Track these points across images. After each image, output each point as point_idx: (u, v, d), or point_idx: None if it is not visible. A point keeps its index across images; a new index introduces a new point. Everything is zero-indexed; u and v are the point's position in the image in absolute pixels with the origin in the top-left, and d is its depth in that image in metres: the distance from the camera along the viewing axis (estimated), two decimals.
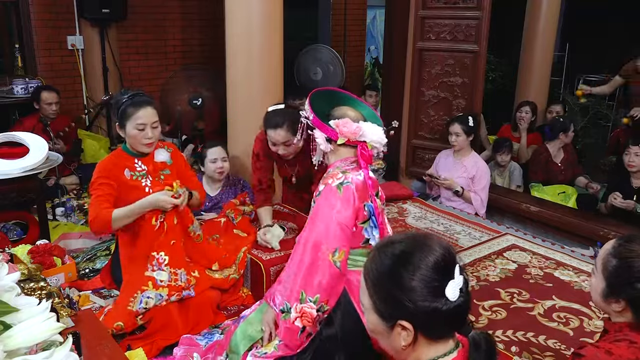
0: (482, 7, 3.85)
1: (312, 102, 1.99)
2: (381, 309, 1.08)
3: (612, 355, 1.39)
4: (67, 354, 1.08)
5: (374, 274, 1.08)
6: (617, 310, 1.49)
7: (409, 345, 1.07)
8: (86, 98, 5.37)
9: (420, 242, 1.07)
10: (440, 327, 1.07)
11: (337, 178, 1.91)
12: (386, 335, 1.10)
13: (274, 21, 3.51)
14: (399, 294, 1.04)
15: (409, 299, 1.03)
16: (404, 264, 1.04)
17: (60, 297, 2.08)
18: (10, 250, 2.41)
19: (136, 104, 2.32)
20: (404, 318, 1.05)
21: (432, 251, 1.05)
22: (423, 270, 1.03)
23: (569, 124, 4.45)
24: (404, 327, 1.05)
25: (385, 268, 1.06)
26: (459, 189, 3.77)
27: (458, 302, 1.03)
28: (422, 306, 1.02)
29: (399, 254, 1.06)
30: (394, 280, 1.05)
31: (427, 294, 1.02)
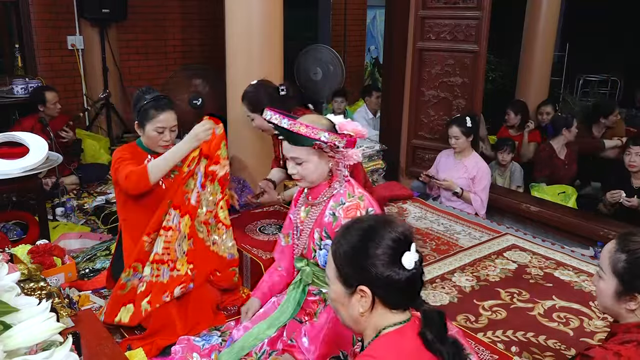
0: (482, 7, 3.85)
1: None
2: (345, 276, 1.23)
3: (621, 357, 1.39)
4: (67, 354, 1.08)
5: (343, 246, 1.23)
6: (632, 308, 1.48)
7: (367, 312, 1.21)
8: (86, 98, 5.37)
9: (385, 220, 1.25)
10: (395, 295, 1.21)
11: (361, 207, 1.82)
12: (346, 304, 1.24)
13: (274, 21, 3.51)
14: (363, 261, 1.19)
15: (371, 265, 1.18)
16: (371, 237, 1.21)
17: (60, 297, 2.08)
18: (10, 250, 2.41)
19: (159, 107, 2.37)
20: (364, 283, 1.20)
21: (394, 227, 1.22)
22: (386, 242, 1.19)
23: (572, 120, 4.47)
24: (363, 292, 1.20)
25: (354, 239, 1.22)
26: (458, 190, 3.77)
27: (412, 272, 1.19)
28: (381, 271, 1.18)
29: (367, 228, 1.23)
30: (360, 249, 1.20)
31: (387, 262, 1.18)
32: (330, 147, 1.77)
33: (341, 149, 1.80)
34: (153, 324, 2.27)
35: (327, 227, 1.87)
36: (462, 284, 2.80)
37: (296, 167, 1.84)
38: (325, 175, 1.88)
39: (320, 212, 1.91)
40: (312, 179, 1.86)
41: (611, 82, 6.45)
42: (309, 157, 1.81)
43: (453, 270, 2.95)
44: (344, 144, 1.78)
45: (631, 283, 1.46)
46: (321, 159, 1.84)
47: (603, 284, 1.53)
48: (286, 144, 1.83)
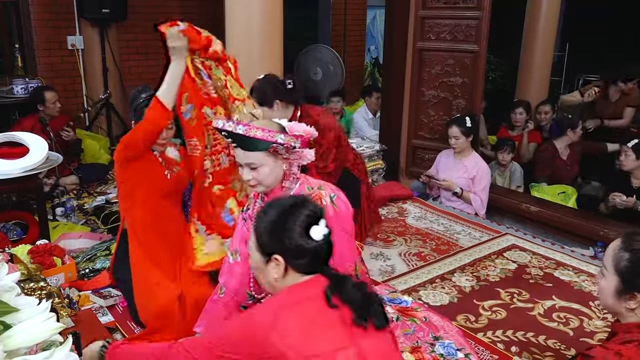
0: (482, 7, 3.85)
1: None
2: (263, 246, 1.43)
3: (622, 356, 1.39)
4: (67, 354, 1.08)
5: (263, 221, 1.44)
6: (631, 307, 1.48)
7: (280, 278, 1.42)
8: (86, 98, 5.37)
9: (299, 200, 1.46)
10: (304, 262, 1.41)
11: (323, 196, 1.83)
12: (263, 270, 1.45)
13: (274, 21, 3.51)
14: (279, 233, 1.40)
15: (285, 237, 1.39)
16: (287, 213, 1.41)
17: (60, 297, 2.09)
18: (10, 250, 2.41)
19: None
20: (278, 252, 1.40)
21: (307, 206, 1.44)
22: (300, 217, 1.40)
23: (577, 121, 4.47)
24: (277, 260, 1.40)
25: (273, 215, 1.43)
26: (458, 190, 3.77)
27: (320, 243, 1.40)
28: (293, 242, 1.38)
29: (284, 206, 1.44)
30: (277, 223, 1.41)
31: (298, 234, 1.38)
32: (287, 148, 1.78)
33: (297, 149, 1.80)
34: (153, 322, 2.27)
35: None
36: (462, 284, 2.80)
37: (251, 172, 1.81)
38: (280, 178, 1.86)
39: None
40: (268, 183, 1.84)
41: None
42: (263, 161, 1.79)
43: (453, 270, 2.96)
44: (299, 144, 1.79)
45: (632, 282, 1.47)
46: (276, 162, 1.81)
47: (605, 281, 1.53)
48: (239, 151, 1.81)
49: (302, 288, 1.41)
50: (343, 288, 1.39)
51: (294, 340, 1.29)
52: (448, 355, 2.08)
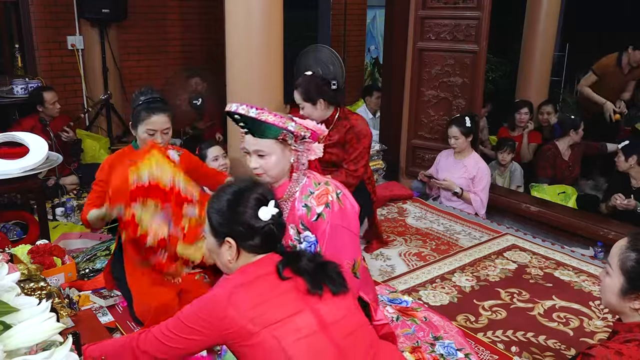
0: (482, 7, 3.85)
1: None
2: (216, 230, 1.49)
3: (623, 356, 1.39)
4: (67, 354, 1.08)
5: (215, 205, 1.50)
6: (636, 307, 1.48)
7: (233, 259, 1.48)
8: (86, 98, 5.37)
9: (249, 184, 1.52)
10: (255, 242, 1.46)
11: (330, 192, 1.84)
12: (217, 252, 1.51)
13: (274, 21, 3.51)
14: (230, 216, 1.46)
15: (235, 220, 1.45)
16: (237, 197, 1.47)
17: (60, 297, 2.09)
18: (10, 250, 2.41)
19: (150, 110, 2.36)
20: (230, 235, 1.46)
21: (256, 189, 1.50)
22: (249, 201, 1.46)
23: (580, 122, 4.47)
24: (229, 243, 1.47)
25: (224, 200, 1.48)
26: (458, 190, 3.77)
27: (269, 223, 1.46)
28: (243, 224, 1.45)
29: (235, 190, 1.49)
30: (228, 207, 1.47)
31: (248, 215, 1.45)
32: (296, 137, 1.79)
33: (307, 140, 1.82)
34: (150, 321, 2.27)
35: (302, 219, 1.87)
36: (462, 284, 2.80)
37: (259, 160, 1.81)
38: (286, 170, 1.87)
39: (291, 208, 1.90)
40: (274, 173, 1.84)
41: None
42: (272, 149, 1.79)
43: (453, 270, 2.96)
44: (309, 135, 1.80)
45: (637, 282, 1.46)
46: (284, 152, 1.82)
47: (609, 280, 1.52)
48: (249, 138, 1.82)
49: (254, 267, 1.46)
50: (295, 261, 1.46)
51: (252, 312, 1.35)
52: (448, 355, 2.09)
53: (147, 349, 1.43)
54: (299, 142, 1.82)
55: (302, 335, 1.36)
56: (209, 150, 3.35)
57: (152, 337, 1.44)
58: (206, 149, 3.36)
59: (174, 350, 1.42)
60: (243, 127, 1.81)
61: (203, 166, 2.75)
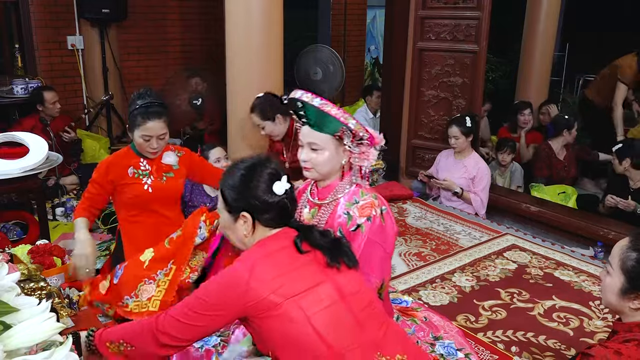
0: (482, 7, 3.85)
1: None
2: (230, 205, 1.51)
3: (622, 355, 1.38)
4: (67, 354, 1.08)
5: (228, 181, 1.52)
6: (636, 307, 1.48)
7: (249, 233, 1.51)
8: (86, 98, 5.37)
9: (261, 159, 1.54)
10: (270, 216, 1.50)
11: (375, 206, 1.79)
12: (233, 228, 1.53)
13: (274, 21, 3.52)
14: (244, 191, 1.48)
15: (250, 194, 1.48)
16: (250, 172, 1.50)
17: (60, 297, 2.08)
18: (10, 250, 2.41)
19: (146, 115, 2.33)
20: (245, 209, 1.49)
21: (268, 164, 1.52)
22: (262, 175, 1.49)
23: (574, 122, 4.45)
24: (245, 217, 1.49)
25: (239, 175, 1.50)
26: (458, 190, 3.77)
27: (283, 197, 1.49)
28: (258, 198, 1.47)
29: (248, 166, 1.52)
30: (243, 182, 1.49)
31: (262, 190, 1.48)
32: (353, 137, 1.74)
33: (364, 143, 1.77)
34: None
35: (341, 227, 1.81)
36: (462, 284, 2.80)
37: (310, 153, 1.78)
38: (335, 171, 1.82)
39: (331, 213, 1.85)
40: (323, 170, 1.80)
41: None
42: (327, 144, 1.76)
43: (453, 270, 2.96)
44: (367, 137, 1.76)
45: (638, 281, 1.46)
46: (337, 151, 1.78)
47: (610, 279, 1.52)
48: (306, 129, 1.78)
49: (272, 240, 1.49)
50: (310, 236, 1.49)
51: (274, 284, 1.38)
52: (448, 355, 2.08)
53: (167, 330, 1.41)
54: (355, 144, 1.77)
55: (325, 306, 1.40)
56: (210, 151, 3.35)
57: (172, 317, 1.42)
58: (208, 151, 3.36)
59: (196, 329, 1.41)
60: (302, 116, 1.78)
61: (206, 165, 2.73)
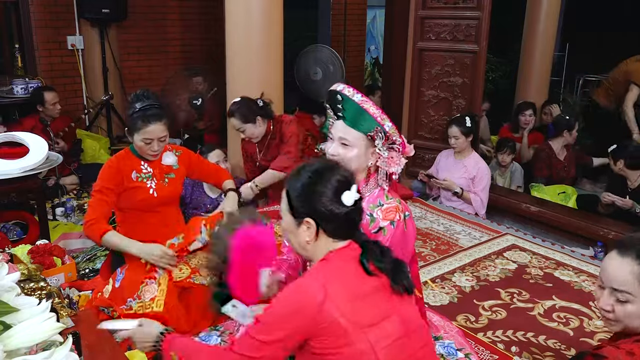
0: (482, 7, 3.85)
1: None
2: (294, 209, 1.43)
3: (634, 355, 1.35)
4: (67, 354, 1.08)
5: (295, 184, 1.43)
6: None
7: (312, 240, 1.42)
8: (86, 98, 5.37)
9: (331, 165, 1.47)
10: (336, 226, 1.41)
11: (400, 210, 1.77)
12: (295, 233, 1.44)
13: (274, 21, 3.52)
14: (310, 196, 1.40)
15: (317, 201, 1.39)
16: (319, 177, 1.41)
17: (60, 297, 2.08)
18: (10, 250, 2.41)
19: (146, 119, 2.31)
20: (309, 216, 1.40)
21: (338, 171, 1.43)
22: (331, 182, 1.40)
23: (574, 123, 4.45)
24: (308, 223, 1.40)
25: (305, 178, 1.42)
26: (458, 190, 3.77)
27: (350, 208, 1.40)
28: (325, 206, 1.38)
29: (316, 170, 1.43)
30: (309, 187, 1.40)
31: (330, 198, 1.38)
32: (386, 139, 1.75)
33: (394, 148, 1.77)
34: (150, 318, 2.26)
35: (363, 228, 1.77)
36: (462, 284, 2.80)
37: (339, 148, 1.77)
38: (361, 171, 1.81)
39: None
40: (349, 168, 1.76)
41: None
42: (358, 142, 1.75)
43: (453, 270, 2.96)
44: (399, 143, 1.77)
45: None
46: (367, 151, 1.78)
47: (631, 306, 1.40)
48: (340, 124, 1.78)
49: (338, 257, 1.40)
50: (375, 255, 1.41)
51: (346, 308, 1.31)
52: (448, 355, 2.08)
53: (243, 350, 1.35)
54: (386, 148, 1.77)
55: (391, 340, 1.34)
56: (209, 154, 3.35)
57: (247, 336, 1.37)
58: (207, 153, 3.36)
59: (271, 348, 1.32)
60: (339, 110, 1.77)
61: (204, 163, 2.73)
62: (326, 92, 1.83)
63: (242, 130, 3.28)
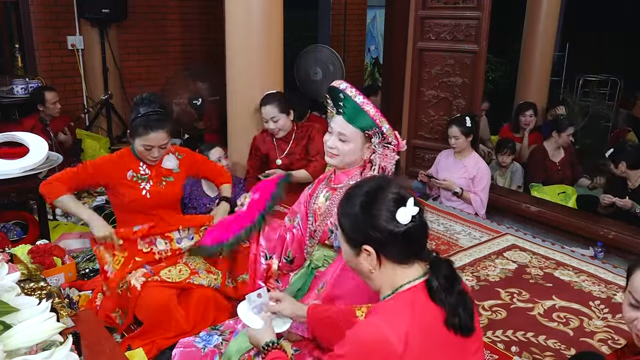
0: (482, 7, 3.85)
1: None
2: (350, 237, 1.32)
3: None
4: (67, 354, 1.08)
5: (346, 210, 1.33)
6: None
7: (375, 269, 1.30)
8: (86, 98, 5.37)
9: (381, 184, 1.33)
10: (396, 249, 1.28)
11: None
12: (356, 262, 1.32)
13: (274, 21, 3.52)
14: (363, 222, 1.28)
15: (370, 225, 1.26)
16: (372, 198, 1.29)
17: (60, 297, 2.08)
18: (10, 250, 2.41)
19: (148, 126, 2.30)
20: (367, 243, 1.27)
21: (390, 188, 1.30)
22: (385, 202, 1.27)
23: (566, 126, 4.43)
24: (368, 251, 1.28)
25: (357, 203, 1.30)
26: (458, 190, 3.77)
27: (409, 226, 1.25)
28: (379, 229, 1.25)
29: (366, 192, 1.31)
30: (362, 211, 1.28)
31: (383, 220, 1.25)
32: (384, 138, 1.80)
33: (391, 147, 1.82)
34: (151, 319, 2.27)
35: None
36: None
37: (337, 142, 1.83)
38: (357, 162, 1.87)
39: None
40: (347, 160, 1.85)
41: (611, 82, 6.45)
42: (355, 138, 1.81)
43: None
44: (395, 144, 1.81)
45: None
46: (363, 146, 1.84)
47: None
48: (339, 119, 1.82)
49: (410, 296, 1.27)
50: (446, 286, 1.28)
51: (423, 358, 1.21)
52: None
53: None
54: (381, 146, 1.82)
55: None
56: (210, 152, 3.36)
57: None
58: (207, 151, 3.36)
59: None
60: (340, 106, 1.82)
61: (207, 163, 2.72)
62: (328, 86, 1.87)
63: (275, 119, 3.29)
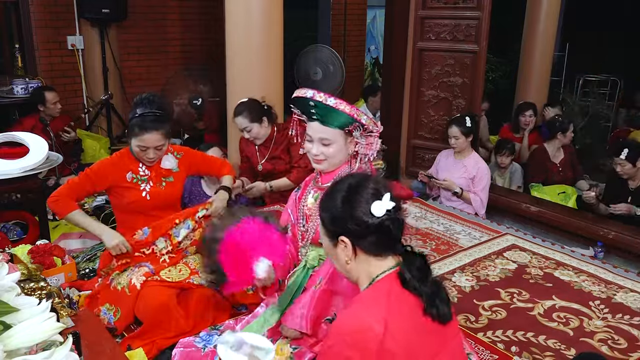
0: (482, 7, 3.85)
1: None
2: (328, 229, 1.39)
3: None
4: (67, 354, 1.08)
5: (327, 204, 1.40)
6: None
7: (351, 260, 1.37)
8: (86, 98, 5.37)
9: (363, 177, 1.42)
10: (371, 241, 1.34)
11: None
12: (334, 254, 1.41)
13: (274, 21, 3.52)
14: (342, 213, 1.35)
15: (348, 216, 1.34)
16: (351, 192, 1.36)
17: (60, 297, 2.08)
18: (10, 250, 2.41)
19: (143, 127, 2.30)
20: (344, 234, 1.35)
21: (369, 183, 1.37)
22: (362, 195, 1.34)
23: (568, 125, 4.42)
24: (344, 242, 1.35)
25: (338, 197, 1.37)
26: (458, 190, 3.77)
27: (383, 219, 1.32)
28: (356, 220, 1.32)
29: (346, 188, 1.38)
30: (342, 204, 1.36)
31: (360, 211, 1.32)
32: (365, 129, 1.83)
33: (373, 135, 1.85)
34: (151, 319, 2.27)
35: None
36: (462, 284, 2.80)
37: (322, 148, 1.84)
38: (344, 160, 1.90)
39: None
40: (334, 161, 1.87)
41: (611, 82, 6.45)
42: (336, 138, 1.83)
43: (453, 270, 2.96)
44: (376, 130, 1.85)
45: None
46: (346, 143, 1.86)
47: None
48: (316, 125, 1.84)
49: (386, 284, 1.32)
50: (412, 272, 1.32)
51: (404, 344, 1.24)
52: None
53: None
54: (363, 136, 1.85)
55: None
56: (208, 152, 3.36)
57: None
58: (205, 151, 3.36)
59: None
60: (312, 114, 1.83)
61: (206, 158, 2.73)
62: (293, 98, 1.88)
63: (248, 129, 3.27)
